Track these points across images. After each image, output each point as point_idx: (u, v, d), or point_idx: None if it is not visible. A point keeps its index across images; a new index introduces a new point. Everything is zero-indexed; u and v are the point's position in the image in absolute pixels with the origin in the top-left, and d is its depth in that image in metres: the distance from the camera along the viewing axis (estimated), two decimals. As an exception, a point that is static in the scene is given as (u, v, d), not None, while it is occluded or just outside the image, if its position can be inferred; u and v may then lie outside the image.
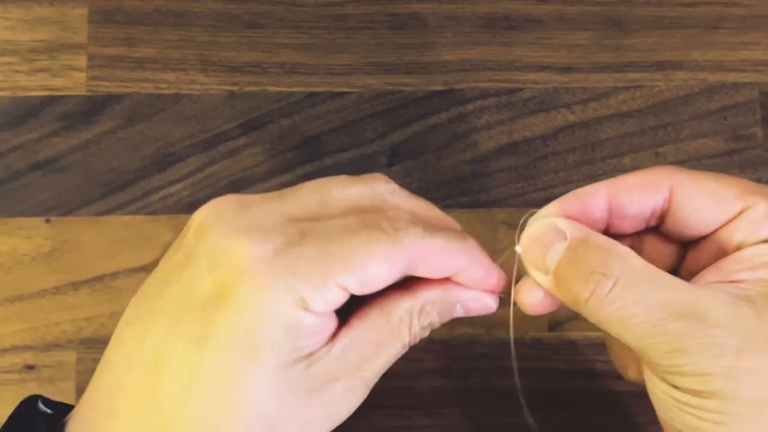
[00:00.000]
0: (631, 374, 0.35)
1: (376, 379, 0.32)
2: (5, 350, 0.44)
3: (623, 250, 0.31)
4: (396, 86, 0.47)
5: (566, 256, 0.31)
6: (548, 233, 0.32)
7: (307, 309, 0.30)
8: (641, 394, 0.40)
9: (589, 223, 0.32)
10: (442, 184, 0.46)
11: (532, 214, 0.33)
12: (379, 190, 0.33)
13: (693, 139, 0.46)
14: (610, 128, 0.46)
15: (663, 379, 0.31)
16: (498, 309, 0.33)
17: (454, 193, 0.46)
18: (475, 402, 0.44)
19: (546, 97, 0.47)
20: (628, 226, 0.33)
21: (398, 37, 0.47)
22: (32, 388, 0.43)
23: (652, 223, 0.34)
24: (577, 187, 0.45)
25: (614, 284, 0.30)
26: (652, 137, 0.46)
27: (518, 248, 0.33)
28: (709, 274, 0.32)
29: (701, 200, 0.32)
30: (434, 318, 0.33)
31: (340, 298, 0.31)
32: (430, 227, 0.32)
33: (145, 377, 0.31)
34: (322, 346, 0.31)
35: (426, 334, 0.33)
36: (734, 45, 0.47)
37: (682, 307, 0.30)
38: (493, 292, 0.33)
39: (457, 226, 0.34)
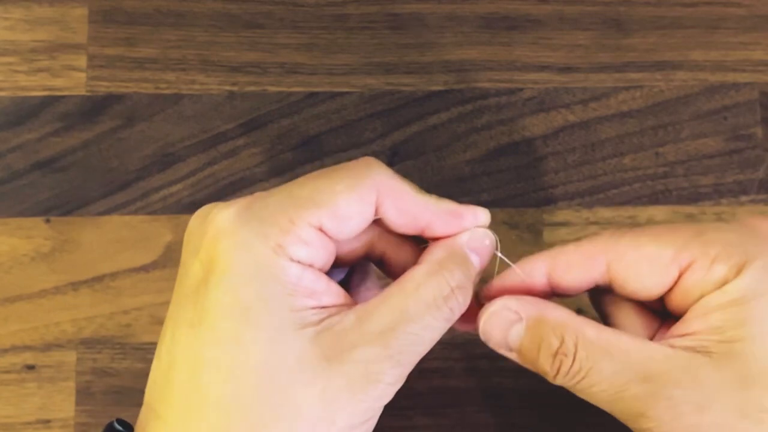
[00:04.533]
0: None
1: (406, 358, 0.30)
2: (5, 350, 0.44)
3: (577, 322, 0.32)
4: (396, 86, 0.47)
5: (527, 338, 0.32)
6: (504, 315, 0.32)
7: (287, 256, 0.29)
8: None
9: (536, 292, 0.33)
10: (442, 184, 0.46)
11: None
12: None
13: (693, 139, 0.46)
14: (610, 128, 0.46)
15: None
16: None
17: (454, 193, 0.46)
18: (475, 402, 0.44)
19: (546, 97, 0.47)
20: (570, 293, 0.34)
21: (398, 37, 0.47)
22: (32, 388, 0.43)
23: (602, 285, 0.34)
24: (577, 187, 0.45)
25: (573, 359, 0.31)
26: (652, 137, 0.46)
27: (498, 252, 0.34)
28: (675, 328, 0.32)
29: (640, 270, 0.32)
30: (458, 276, 0.32)
31: (318, 240, 0.30)
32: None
33: (163, 376, 0.31)
34: (336, 315, 0.30)
35: (463, 301, 0.32)
36: (734, 45, 0.47)
37: (639, 372, 0.30)
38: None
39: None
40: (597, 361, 0.31)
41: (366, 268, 0.36)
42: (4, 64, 0.47)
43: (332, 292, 0.31)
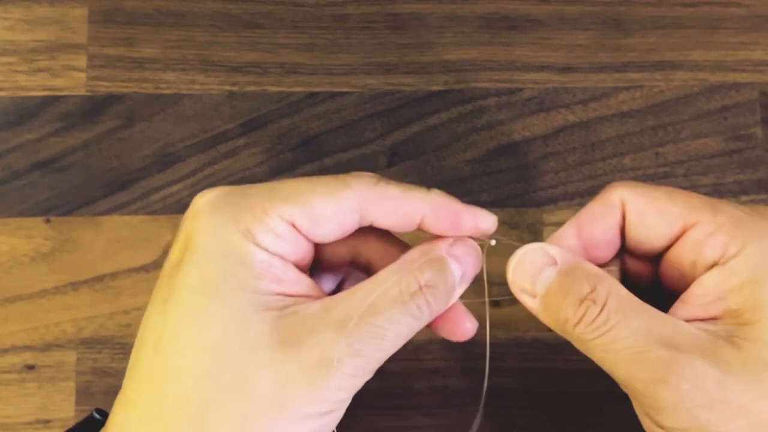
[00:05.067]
0: None
1: (368, 350, 0.30)
2: (5, 350, 0.44)
3: (611, 279, 0.32)
4: (396, 86, 0.47)
5: (557, 281, 0.32)
6: (538, 257, 0.32)
7: (255, 242, 0.30)
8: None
9: None
10: (442, 184, 0.46)
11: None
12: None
13: (693, 139, 0.46)
14: (610, 128, 0.46)
15: (651, 419, 0.31)
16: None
17: (454, 193, 0.45)
18: (475, 402, 0.44)
19: (546, 97, 0.47)
20: (602, 255, 0.34)
21: (398, 37, 0.47)
22: (32, 388, 0.43)
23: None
24: (577, 187, 0.45)
25: (602, 309, 0.30)
26: (652, 137, 0.46)
27: (492, 242, 0.33)
28: (679, 310, 0.32)
29: (649, 217, 0.33)
30: (428, 276, 0.31)
31: (288, 234, 0.31)
32: (390, 181, 0.32)
33: (134, 357, 0.31)
34: (300, 303, 0.31)
35: (432, 302, 0.31)
36: (734, 45, 0.47)
37: (664, 337, 0.30)
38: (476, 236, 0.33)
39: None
40: (627, 316, 0.30)
41: (358, 277, 0.36)
42: (4, 64, 0.47)
43: (302, 283, 0.31)
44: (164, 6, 0.47)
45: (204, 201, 0.31)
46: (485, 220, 0.33)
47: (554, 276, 0.32)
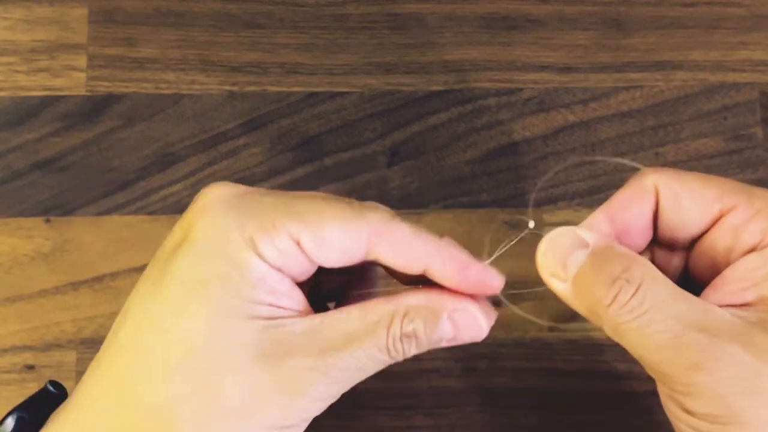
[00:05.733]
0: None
1: (346, 376, 0.31)
2: (5, 350, 0.44)
3: (644, 260, 0.31)
4: (396, 86, 0.47)
5: (589, 263, 0.31)
6: (569, 240, 0.31)
7: (256, 251, 0.30)
8: (641, 394, 0.40)
9: None
10: (442, 184, 0.46)
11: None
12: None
13: (693, 139, 0.46)
14: (610, 128, 0.46)
15: (680, 406, 0.30)
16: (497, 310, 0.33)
17: (454, 193, 0.46)
18: (475, 402, 0.44)
19: (546, 97, 0.47)
20: (635, 243, 0.33)
21: (398, 37, 0.47)
22: (32, 388, 0.43)
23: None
24: (577, 187, 0.45)
25: (637, 290, 0.30)
26: (652, 137, 0.46)
27: (531, 223, 0.33)
28: (710, 296, 0.31)
29: (684, 201, 0.32)
30: (419, 326, 0.31)
31: (291, 251, 0.30)
32: (403, 219, 0.32)
33: (114, 329, 0.31)
34: (287, 317, 0.30)
35: (412, 349, 0.31)
36: (734, 45, 0.47)
37: (700, 322, 0.29)
38: (484, 302, 0.32)
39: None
40: (662, 298, 0.29)
41: (370, 273, 0.36)
42: (4, 64, 0.47)
43: (294, 298, 0.31)
44: (164, 6, 0.47)
45: (216, 195, 0.31)
46: (492, 279, 0.32)
47: (586, 257, 0.31)
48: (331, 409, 0.37)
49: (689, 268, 0.34)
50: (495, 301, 0.45)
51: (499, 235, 0.45)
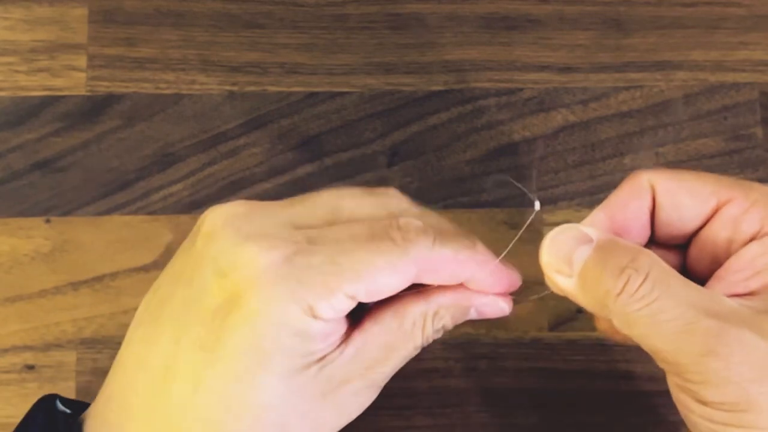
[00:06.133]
0: (619, 337, 0.34)
1: (387, 380, 0.33)
2: (5, 350, 0.44)
3: (649, 251, 0.31)
4: (396, 86, 0.47)
5: (595, 256, 0.31)
6: (572, 237, 0.32)
7: (315, 316, 0.30)
8: (641, 394, 0.40)
9: None
10: (442, 184, 0.46)
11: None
12: (392, 202, 0.34)
13: (693, 139, 0.46)
14: (610, 128, 0.46)
15: (693, 396, 0.30)
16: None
17: (454, 193, 0.46)
18: (475, 402, 0.44)
19: (546, 97, 0.47)
20: (634, 241, 0.33)
21: (398, 37, 0.47)
22: (32, 388, 0.43)
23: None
24: (577, 187, 0.45)
25: (645, 279, 0.30)
26: (652, 137, 0.46)
27: (537, 204, 0.34)
28: (716, 286, 0.31)
29: (680, 198, 0.32)
30: (447, 321, 0.33)
31: (347, 306, 0.31)
32: (441, 236, 0.32)
33: (155, 381, 0.31)
34: (334, 350, 0.32)
35: (439, 335, 0.34)
36: (734, 45, 0.47)
37: (711, 309, 0.29)
38: (506, 295, 0.34)
39: (468, 238, 0.34)
40: (672, 286, 0.29)
41: None
42: (4, 64, 0.47)
43: (343, 329, 0.32)
44: (164, 6, 0.47)
45: (260, 266, 0.30)
46: (515, 279, 0.35)
47: (591, 252, 0.31)
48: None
49: (688, 266, 0.34)
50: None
51: (498, 234, 0.45)
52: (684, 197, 0.32)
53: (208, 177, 0.46)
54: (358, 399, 0.33)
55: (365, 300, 0.32)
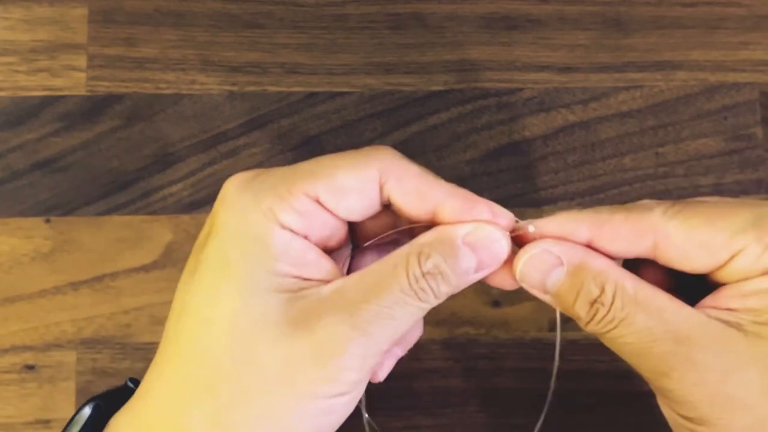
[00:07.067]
0: None
1: (375, 331, 0.31)
2: (5, 350, 0.44)
3: (618, 273, 0.31)
4: (396, 86, 0.47)
5: (567, 284, 0.32)
6: (545, 258, 0.32)
7: (277, 222, 0.31)
8: (641, 394, 0.40)
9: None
10: (442, 184, 0.46)
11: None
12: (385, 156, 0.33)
13: (693, 139, 0.46)
14: (610, 128, 0.46)
15: (664, 403, 0.31)
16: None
17: (454, 193, 0.45)
18: (475, 402, 0.44)
19: (546, 97, 0.47)
20: (613, 258, 0.33)
21: (398, 37, 0.47)
22: (32, 388, 0.43)
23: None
24: (577, 187, 0.45)
25: (608, 310, 0.31)
26: (652, 137, 0.46)
27: (531, 227, 0.33)
28: (710, 300, 0.32)
29: (691, 251, 0.31)
30: (438, 261, 0.31)
31: (312, 209, 0.31)
32: (414, 163, 0.33)
33: (168, 317, 0.33)
34: (316, 287, 0.31)
35: (441, 286, 0.31)
36: (734, 45, 0.47)
37: (670, 332, 0.30)
38: (494, 222, 0.32)
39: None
40: (630, 314, 0.31)
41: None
42: (4, 64, 0.47)
43: (322, 267, 0.32)
44: (164, 6, 0.47)
45: (231, 183, 0.32)
46: (501, 214, 0.33)
47: (562, 278, 0.32)
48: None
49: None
50: (494, 302, 0.45)
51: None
52: (694, 251, 0.31)
53: (208, 177, 0.46)
54: (338, 339, 0.30)
55: (332, 205, 0.31)
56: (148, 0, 0.47)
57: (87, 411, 0.34)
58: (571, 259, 0.32)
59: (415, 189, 0.32)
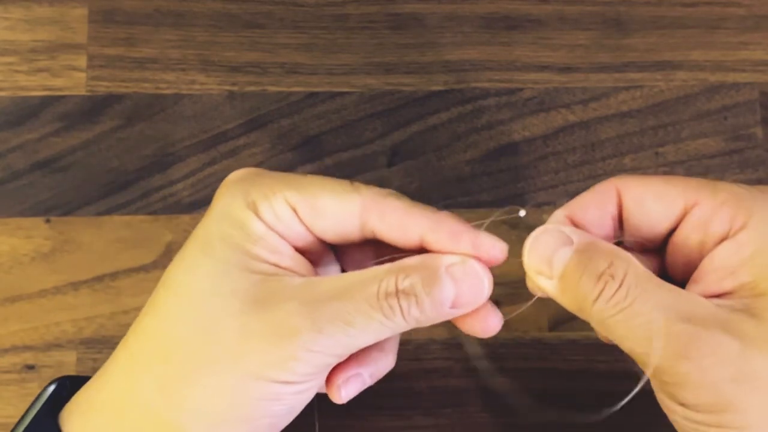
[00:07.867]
0: (603, 338, 0.35)
1: (330, 330, 0.31)
2: (5, 350, 0.44)
3: (627, 254, 0.31)
4: (396, 86, 0.47)
5: (574, 260, 0.31)
6: (553, 238, 0.32)
7: (256, 213, 0.32)
8: (641, 394, 0.39)
9: None
10: (442, 184, 0.46)
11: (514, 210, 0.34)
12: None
13: (693, 139, 0.46)
14: (610, 128, 0.46)
15: (674, 398, 0.30)
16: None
17: (454, 193, 0.46)
18: (475, 402, 0.44)
19: (546, 97, 0.47)
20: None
21: (398, 37, 0.47)
22: (32, 388, 0.43)
23: (619, 235, 0.34)
24: (577, 187, 0.45)
25: (621, 284, 0.30)
26: (652, 137, 0.46)
27: (522, 212, 0.34)
28: (693, 289, 0.32)
29: (647, 202, 0.32)
30: (416, 282, 0.31)
31: (288, 217, 0.33)
32: (404, 197, 0.33)
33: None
34: (289, 276, 0.32)
35: (412, 308, 0.31)
36: (734, 45, 0.47)
37: (684, 312, 0.30)
38: (478, 258, 0.32)
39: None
40: (646, 290, 0.30)
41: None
42: (4, 64, 0.47)
43: (297, 261, 0.33)
44: (164, 6, 0.47)
45: (231, 176, 0.35)
46: (488, 248, 0.32)
47: (570, 255, 0.31)
48: (331, 408, 0.37)
49: (667, 270, 0.34)
50: (494, 302, 0.45)
51: (499, 235, 0.45)
52: (651, 202, 0.32)
53: (208, 177, 0.46)
54: (290, 324, 0.30)
55: (308, 220, 0.33)
56: (148, 0, 0.47)
57: (51, 388, 0.35)
58: (581, 238, 0.32)
59: (397, 224, 0.33)
